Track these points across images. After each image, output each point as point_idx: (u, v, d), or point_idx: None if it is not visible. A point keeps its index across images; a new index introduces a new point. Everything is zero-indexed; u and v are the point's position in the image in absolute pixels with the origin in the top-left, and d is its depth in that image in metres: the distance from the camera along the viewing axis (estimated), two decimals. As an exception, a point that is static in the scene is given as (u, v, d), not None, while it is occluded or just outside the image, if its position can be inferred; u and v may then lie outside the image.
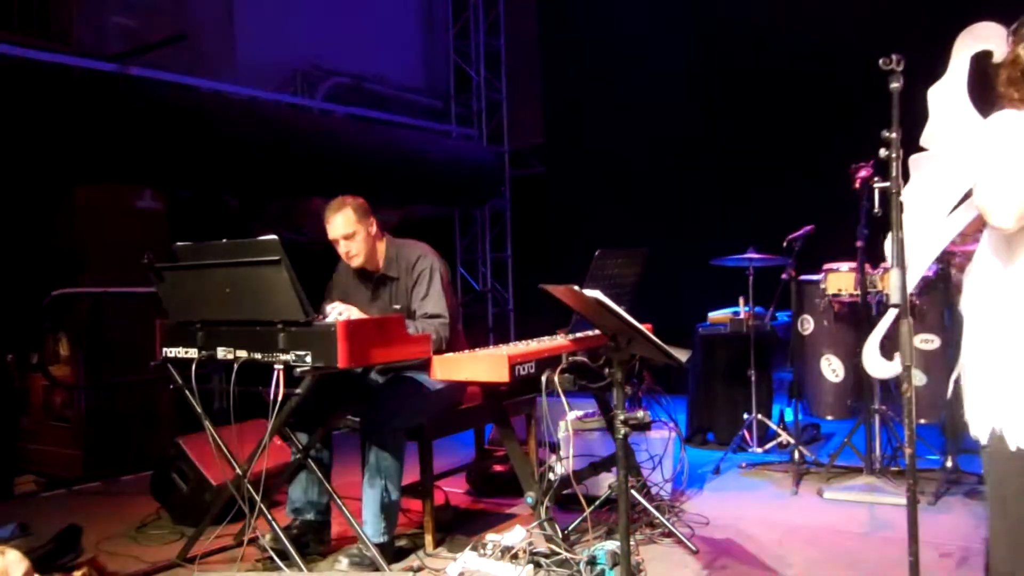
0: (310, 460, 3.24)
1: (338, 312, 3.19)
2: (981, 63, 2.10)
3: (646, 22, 7.30)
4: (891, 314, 3.31)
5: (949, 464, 4.02)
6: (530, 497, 3.20)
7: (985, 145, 1.91)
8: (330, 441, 3.52)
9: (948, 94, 2.98)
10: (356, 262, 3.47)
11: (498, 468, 4.29)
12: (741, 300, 5.07)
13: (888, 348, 3.29)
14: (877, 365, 3.39)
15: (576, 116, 7.91)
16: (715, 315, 5.37)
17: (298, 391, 2.91)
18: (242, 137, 5.75)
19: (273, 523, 3.09)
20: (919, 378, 4.86)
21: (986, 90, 2.05)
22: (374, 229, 3.47)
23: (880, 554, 3.24)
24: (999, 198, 1.80)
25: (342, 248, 3.45)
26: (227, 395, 3.09)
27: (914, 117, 2.38)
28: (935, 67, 2.41)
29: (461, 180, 7.48)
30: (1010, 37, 1.95)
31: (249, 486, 3.11)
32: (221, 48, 6.62)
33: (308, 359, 2.86)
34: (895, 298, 1.83)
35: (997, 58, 2.03)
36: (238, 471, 3.19)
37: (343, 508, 3.15)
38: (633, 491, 3.53)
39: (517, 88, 8.55)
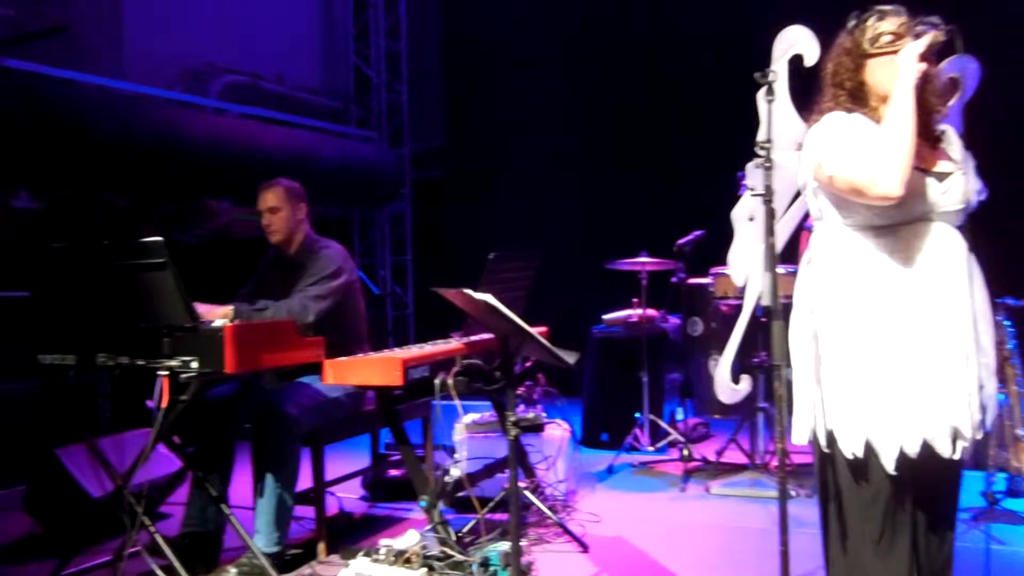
0: (199, 471, 3.16)
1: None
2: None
3: (546, 27, 7.40)
4: (736, 340, 3.47)
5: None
6: (424, 501, 3.20)
7: (829, 139, 1.99)
8: (231, 450, 3.44)
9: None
10: (274, 238, 3.60)
11: (394, 473, 4.26)
12: (635, 303, 5.19)
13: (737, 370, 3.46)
14: (727, 391, 3.58)
15: (476, 118, 7.96)
16: (609, 317, 5.48)
17: (183, 398, 2.83)
18: (128, 135, 5.53)
19: (156, 535, 2.98)
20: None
21: (806, 92, 2.15)
22: (301, 215, 3.62)
23: (760, 546, 3.38)
24: (876, 168, 1.88)
25: (264, 220, 3.59)
26: (108, 403, 2.98)
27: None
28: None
29: (359, 182, 7.39)
30: (852, 30, 2.07)
31: (131, 498, 2.99)
32: (108, 42, 6.36)
33: (194, 365, 2.79)
34: (765, 300, 1.93)
35: (808, 61, 2.16)
36: (117, 482, 3.07)
37: (232, 518, 3.07)
38: (526, 492, 3.58)
39: (419, 90, 8.52)
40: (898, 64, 1.96)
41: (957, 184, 2.00)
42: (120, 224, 6.16)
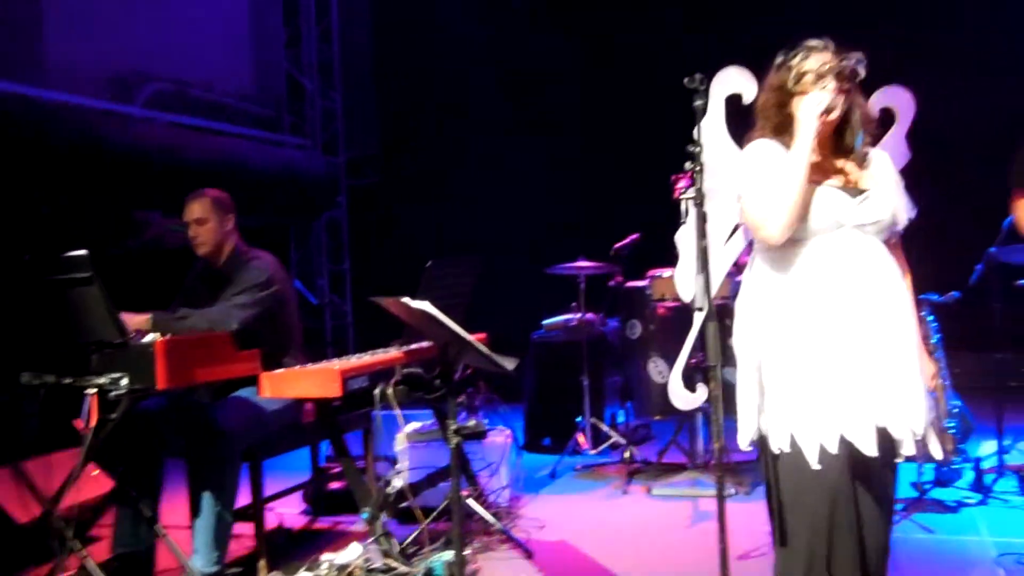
0: (131, 491, 3.06)
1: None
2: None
3: (480, 32, 7.41)
4: (688, 347, 3.52)
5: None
6: (366, 513, 3.16)
7: (745, 169, 2.16)
8: (161, 466, 3.34)
9: (709, 132, 3.27)
10: (200, 250, 3.50)
11: (335, 486, 4.20)
12: (574, 307, 5.22)
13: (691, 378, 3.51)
14: (681, 398, 3.64)
15: (412, 125, 7.93)
16: (549, 322, 5.51)
17: (113, 416, 2.74)
18: (50, 145, 5.35)
19: (86, 560, 2.88)
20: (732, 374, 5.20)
21: (741, 127, 2.28)
22: (229, 226, 3.51)
23: (701, 544, 3.41)
24: (766, 212, 2.05)
25: (191, 232, 3.48)
26: (34, 423, 2.87)
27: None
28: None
29: (294, 191, 7.28)
30: (779, 67, 2.19)
31: (60, 522, 2.88)
32: (26, 48, 6.14)
33: (124, 382, 2.70)
34: (700, 302, 1.96)
35: (747, 99, 2.28)
36: (45, 507, 2.96)
37: (168, 538, 2.99)
38: (470, 500, 3.57)
39: (353, 97, 8.44)
40: (799, 117, 2.09)
41: (873, 200, 2.12)
42: (46, 236, 5.96)
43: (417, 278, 3.32)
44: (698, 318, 3.92)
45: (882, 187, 2.16)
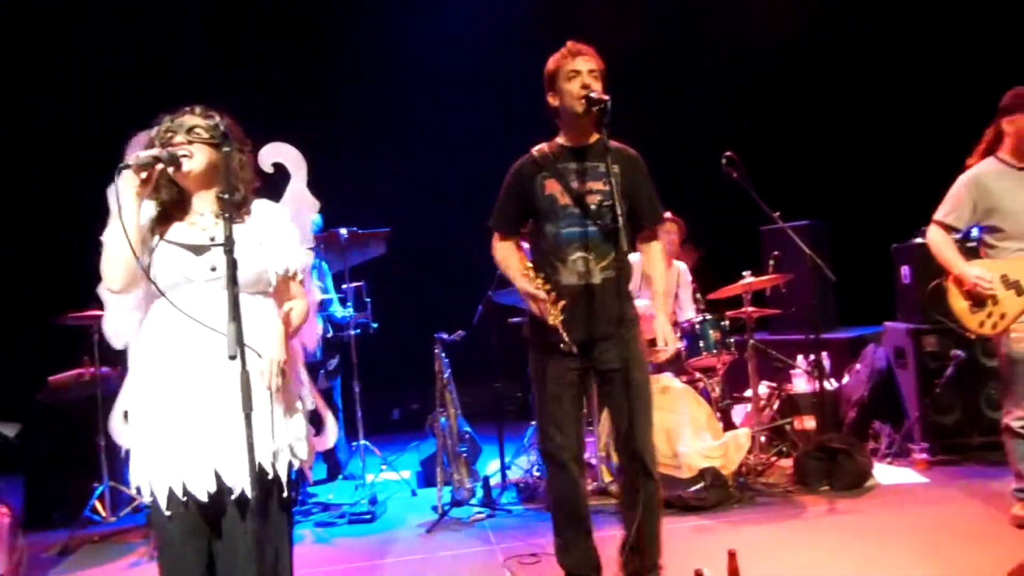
0: None
1: None
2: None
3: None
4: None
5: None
6: None
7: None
8: None
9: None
10: None
11: None
12: (85, 361, 4.72)
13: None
14: (121, 433, 3.58)
15: None
16: (57, 379, 4.88)
17: None
18: None
19: None
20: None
21: None
22: None
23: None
24: (103, 268, 2.17)
25: None
26: None
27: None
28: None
29: None
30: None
31: None
32: None
33: None
34: (231, 350, 1.92)
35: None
36: None
37: None
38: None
39: None
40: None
41: (218, 255, 2.18)
42: None
43: None
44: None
45: (252, 240, 2.25)
